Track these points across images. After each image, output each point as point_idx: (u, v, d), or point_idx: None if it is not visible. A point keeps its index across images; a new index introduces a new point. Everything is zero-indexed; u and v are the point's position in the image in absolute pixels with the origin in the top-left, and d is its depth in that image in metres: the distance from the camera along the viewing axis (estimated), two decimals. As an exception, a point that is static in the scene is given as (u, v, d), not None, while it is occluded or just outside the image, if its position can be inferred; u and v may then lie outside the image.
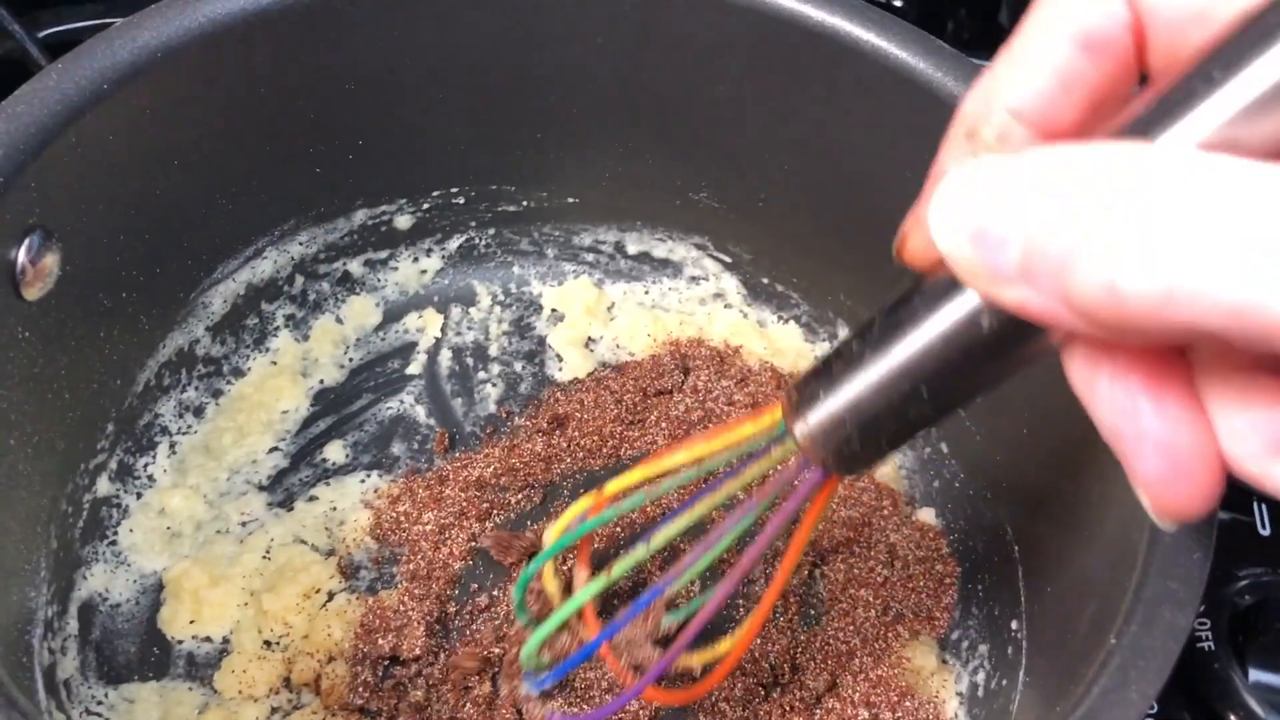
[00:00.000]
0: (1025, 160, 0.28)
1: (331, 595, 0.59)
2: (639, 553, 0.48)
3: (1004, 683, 0.56)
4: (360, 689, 0.56)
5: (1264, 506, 0.71)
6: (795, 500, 0.40)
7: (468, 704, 0.56)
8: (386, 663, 0.57)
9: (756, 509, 0.45)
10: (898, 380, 0.33)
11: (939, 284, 0.32)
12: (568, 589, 0.55)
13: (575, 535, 0.50)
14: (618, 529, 0.62)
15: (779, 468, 0.42)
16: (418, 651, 0.57)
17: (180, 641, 0.57)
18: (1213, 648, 0.63)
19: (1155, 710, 0.63)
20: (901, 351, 0.33)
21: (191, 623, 0.57)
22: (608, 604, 0.59)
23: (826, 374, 0.36)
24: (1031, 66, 0.32)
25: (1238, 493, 0.69)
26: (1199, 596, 0.39)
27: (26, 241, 0.48)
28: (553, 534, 0.51)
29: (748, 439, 0.42)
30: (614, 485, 0.48)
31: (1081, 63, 0.32)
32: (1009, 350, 0.31)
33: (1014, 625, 0.56)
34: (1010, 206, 0.27)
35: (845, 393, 0.35)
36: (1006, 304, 0.28)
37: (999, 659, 0.57)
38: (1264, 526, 0.70)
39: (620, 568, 0.49)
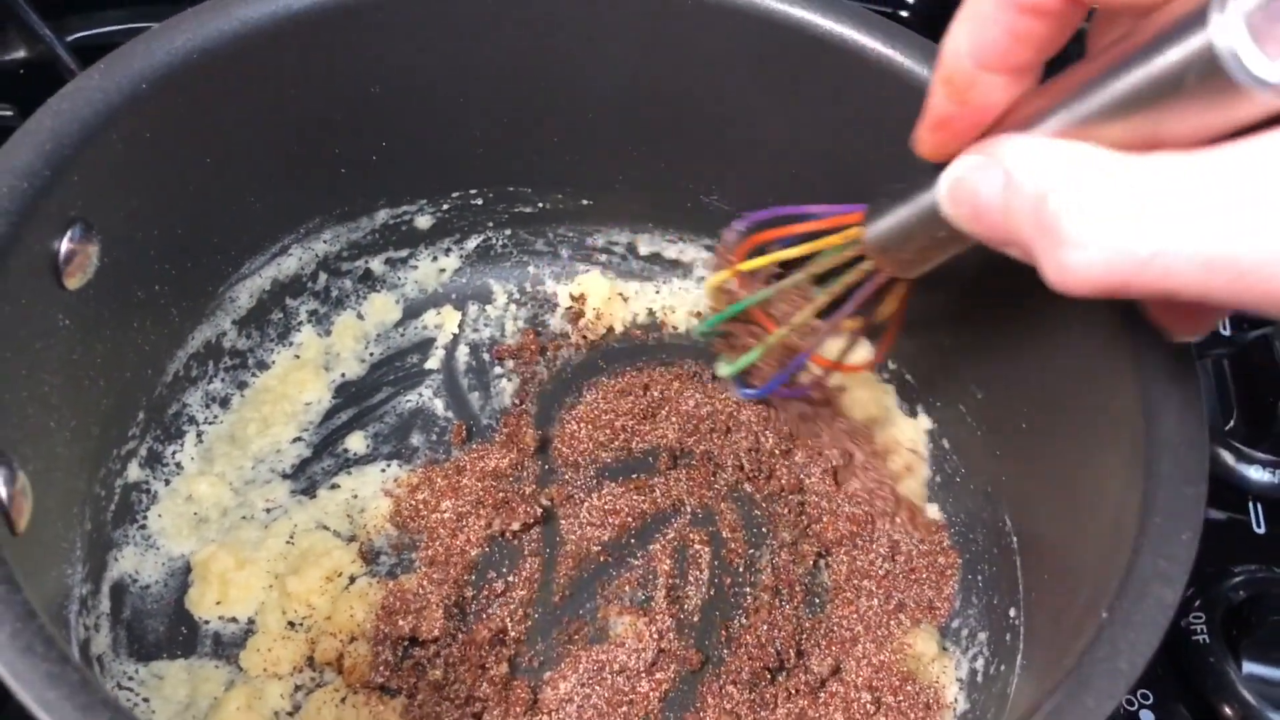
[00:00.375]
0: (992, 163, 0.37)
1: (353, 579, 0.61)
2: (779, 333, 0.60)
3: (1002, 668, 0.58)
4: (381, 668, 0.58)
5: (1259, 506, 0.73)
6: (874, 283, 0.53)
7: (484, 683, 0.58)
8: (406, 643, 0.59)
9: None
10: (913, 221, 0.46)
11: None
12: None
13: (736, 309, 0.62)
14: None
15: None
16: (436, 633, 0.59)
17: (207, 621, 0.60)
18: (1208, 641, 0.65)
19: (1151, 702, 0.64)
20: (915, 205, 0.46)
21: (218, 603, 0.60)
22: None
23: (879, 205, 0.49)
24: (983, 27, 0.39)
25: (1235, 493, 0.72)
26: (1187, 573, 0.41)
27: (69, 232, 0.50)
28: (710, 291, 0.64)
29: (840, 240, 0.53)
30: (746, 265, 0.61)
31: (1025, 22, 0.38)
32: None
33: (1012, 613, 0.58)
34: (987, 201, 0.38)
35: (886, 220, 0.48)
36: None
37: (997, 645, 0.59)
38: (1259, 525, 0.72)
39: (772, 339, 0.60)
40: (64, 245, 0.50)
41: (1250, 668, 0.64)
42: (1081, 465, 0.52)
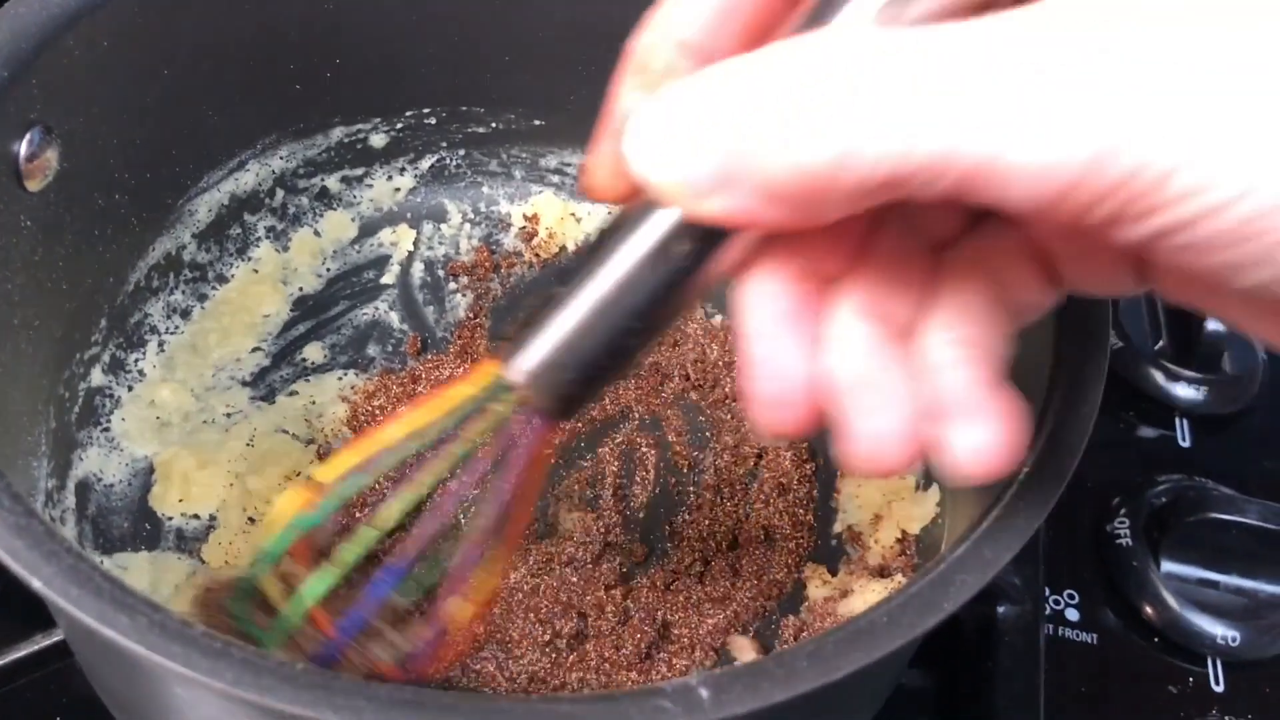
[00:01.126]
0: (707, 76, 0.30)
1: (311, 478, 0.63)
2: (366, 535, 0.44)
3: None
4: (338, 558, 0.60)
5: (1185, 421, 0.76)
6: (523, 452, 0.40)
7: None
8: (363, 535, 0.62)
9: (463, 453, 0.42)
10: (603, 315, 0.35)
11: (628, 217, 0.34)
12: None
13: (290, 536, 0.43)
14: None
15: (503, 425, 0.40)
16: (391, 525, 0.61)
17: (170, 518, 0.62)
18: (1130, 544, 0.68)
19: (1077, 602, 0.68)
20: (599, 288, 0.35)
21: (180, 501, 0.62)
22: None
23: (538, 321, 0.36)
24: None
25: (1163, 410, 0.76)
26: (1084, 441, 0.44)
27: (28, 135, 0.52)
28: (265, 537, 0.44)
29: (467, 399, 0.40)
30: (324, 472, 0.43)
31: None
32: (697, 273, 0.34)
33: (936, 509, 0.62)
34: (701, 120, 0.30)
35: (557, 337, 0.36)
36: (708, 215, 0.31)
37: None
38: (1184, 439, 0.76)
39: (349, 555, 0.44)
40: (23, 147, 0.52)
41: (1168, 566, 0.68)
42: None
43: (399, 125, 0.73)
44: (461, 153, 0.76)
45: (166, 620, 0.35)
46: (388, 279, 0.74)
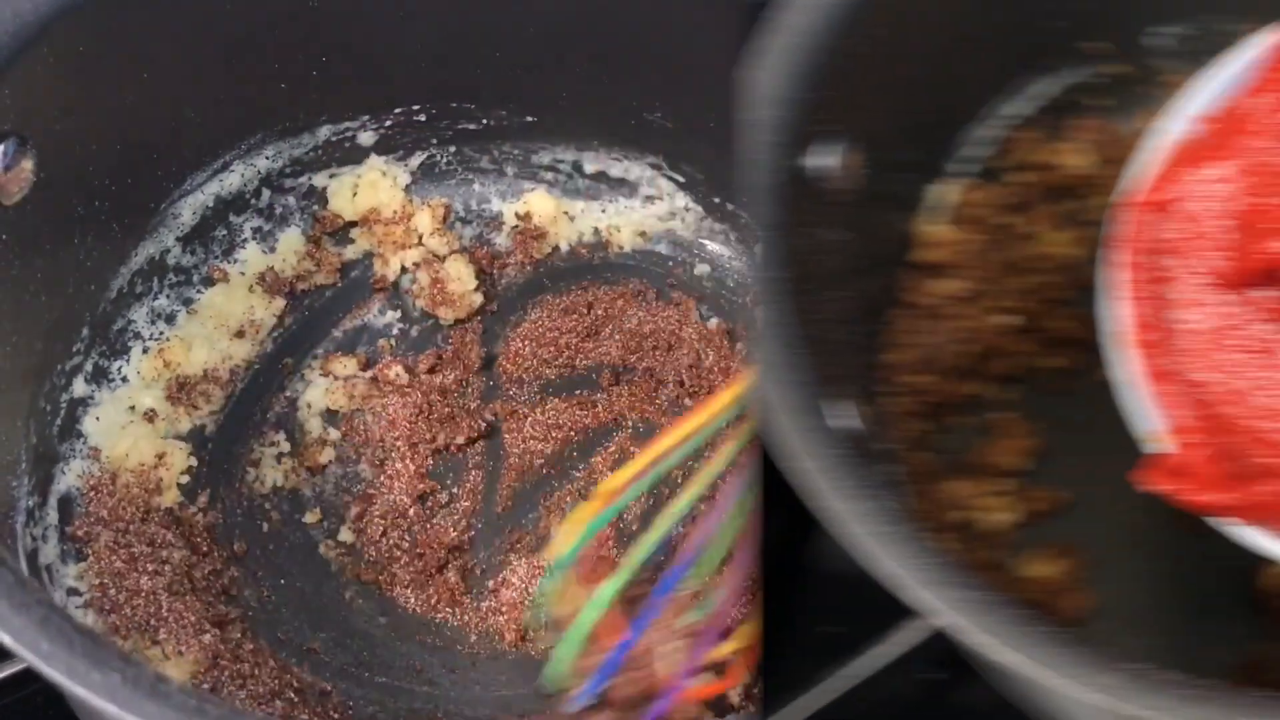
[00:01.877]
0: None
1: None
2: (651, 537, 0.50)
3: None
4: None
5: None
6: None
7: (432, 589, 0.60)
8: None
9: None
10: None
11: None
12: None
13: (585, 539, 0.50)
14: None
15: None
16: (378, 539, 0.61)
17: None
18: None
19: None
20: None
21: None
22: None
23: None
24: None
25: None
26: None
27: (2, 148, 0.51)
28: (562, 542, 0.51)
29: (728, 406, 0.46)
30: (608, 484, 0.51)
31: None
32: None
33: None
34: None
35: None
36: None
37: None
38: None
39: (638, 555, 0.49)
40: (-3, 161, 0.51)
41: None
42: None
43: (388, 123, 0.71)
44: (452, 150, 0.74)
45: (140, 676, 0.34)
46: (377, 279, 0.72)
